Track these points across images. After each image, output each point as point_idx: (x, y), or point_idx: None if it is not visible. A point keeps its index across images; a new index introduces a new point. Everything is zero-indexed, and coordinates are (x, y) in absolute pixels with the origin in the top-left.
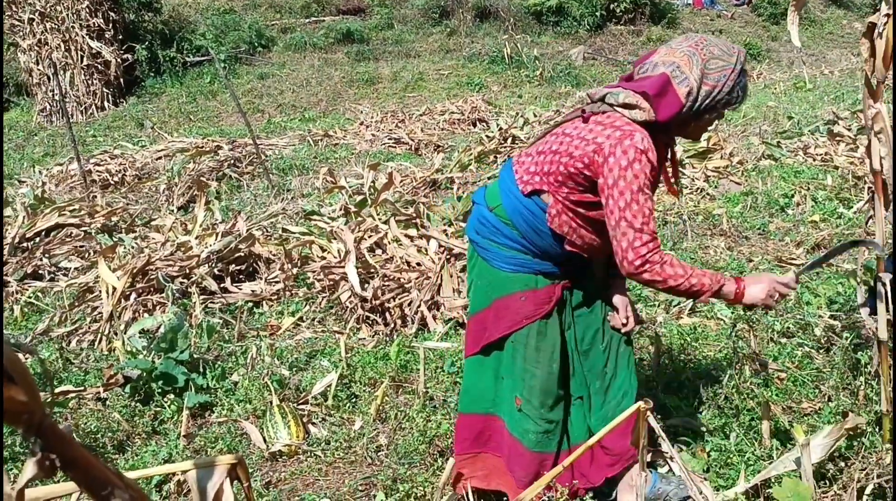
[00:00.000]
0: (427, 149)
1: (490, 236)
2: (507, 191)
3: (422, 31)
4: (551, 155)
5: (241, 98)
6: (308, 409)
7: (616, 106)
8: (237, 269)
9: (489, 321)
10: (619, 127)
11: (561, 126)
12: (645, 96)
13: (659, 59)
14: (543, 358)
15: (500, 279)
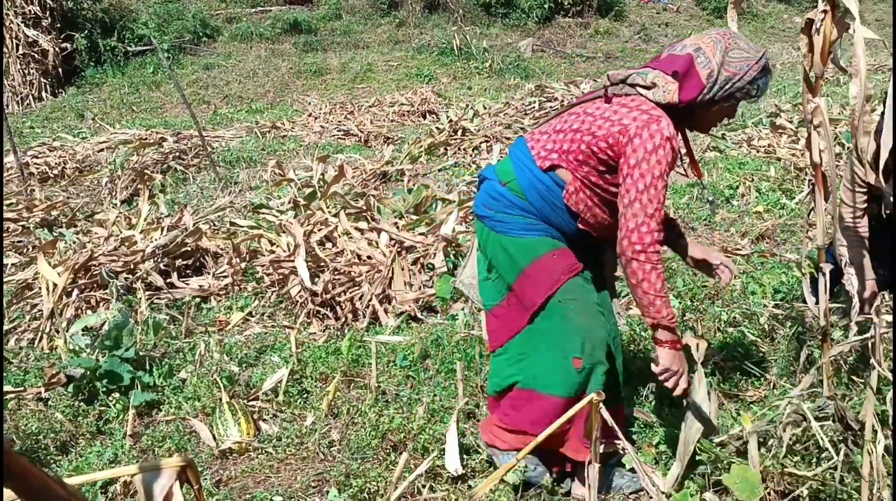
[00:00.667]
0: (377, 141)
1: (504, 209)
2: (521, 166)
3: (370, 22)
4: (571, 133)
5: (186, 89)
6: (258, 405)
7: (641, 86)
8: (184, 264)
9: (527, 290)
10: (646, 110)
11: (581, 106)
12: (675, 75)
13: (688, 41)
14: (595, 309)
15: (525, 246)
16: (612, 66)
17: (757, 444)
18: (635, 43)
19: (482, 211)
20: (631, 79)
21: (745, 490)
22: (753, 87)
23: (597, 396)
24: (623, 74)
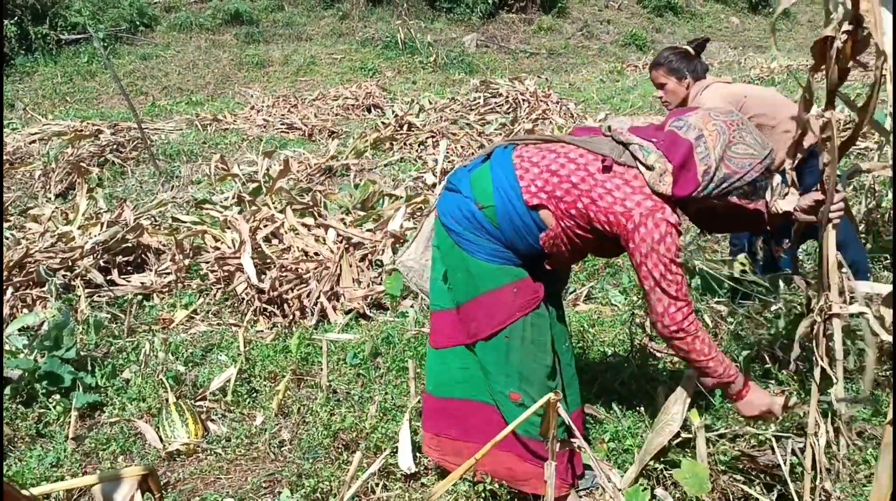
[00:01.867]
0: (321, 135)
1: (473, 230)
2: (503, 194)
3: (313, 14)
4: (569, 185)
5: (123, 80)
6: (206, 405)
7: (643, 165)
8: (124, 260)
9: (478, 316)
10: (649, 195)
11: (580, 153)
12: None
13: (693, 120)
14: (541, 351)
15: (488, 272)
16: (556, 62)
17: (705, 439)
18: (578, 40)
19: (450, 224)
20: (633, 149)
21: (695, 484)
22: (752, 187)
23: (554, 396)
24: (625, 137)
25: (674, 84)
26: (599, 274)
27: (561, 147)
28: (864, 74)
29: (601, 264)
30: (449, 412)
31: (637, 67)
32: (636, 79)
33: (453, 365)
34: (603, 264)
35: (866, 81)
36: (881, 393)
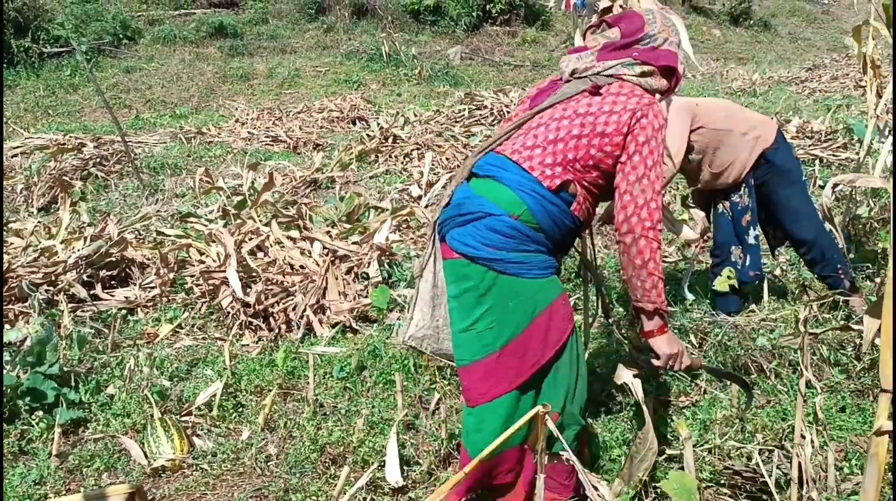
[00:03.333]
0: (306, 147)
1: (520, 246)
2: (527, 192)
3: (298, 27)
4: (574, 140)
5: (106, 93)
6: (192, 420)
7: (633, 76)
8: (108, 274)
9: (535, 341)
10: (643, 93)
11: (563, 107)
12: (667, 69)
13: (657, 31)
14: (581, 362)
15: (541, 289)
16: (540, 74)
17: (693, 450)
18: (562, 52)
19: (488, 253)
20: (615, 70)
21: (683, 495)
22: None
23: (542, 408)
24: (601, 67)
25: None
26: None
27: (541, 118)
28: (843, 84)
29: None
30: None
31: None
32: None
33: (492, 424)
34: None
35: (846, 92)
36: (867, 403)
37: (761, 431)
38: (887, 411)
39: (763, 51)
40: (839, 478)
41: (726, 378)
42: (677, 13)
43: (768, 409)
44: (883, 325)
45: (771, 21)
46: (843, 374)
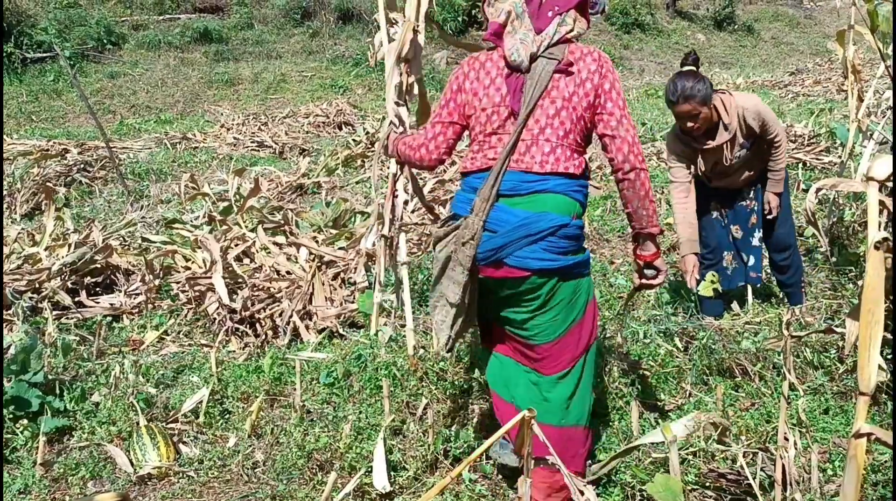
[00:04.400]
0: (292, 153)
1: (578, 246)
2: (575, 189)
3: (283, 32)
4: (577, 124)
5: (90, 98)
6: (178, 428)
7: (571, 31)
8: (93, 281)
9: (585, 329)
10: (587, 48)
11: (550, 100)
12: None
13: None
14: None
15: (590, 283)
16: None
17: (678, 453)
18: None
19: (560, 262)
20: (559, 35)
21: (668, 498)
22: None
23: (529, 412)
24: (538, 42)
25: (706, 110)
26: None
27: (538, 121)
28: (826, 88)
29: None
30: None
31: None
32: None
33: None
34: None
35: (829, 96)
36: (850, 405)
37: (746, 434)
38: (866, 414)
39: (747, 55)
40: (822, 480)
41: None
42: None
43: (752, 412)
44: (861, 328)
45: (754, 26)
46: (826, 376)
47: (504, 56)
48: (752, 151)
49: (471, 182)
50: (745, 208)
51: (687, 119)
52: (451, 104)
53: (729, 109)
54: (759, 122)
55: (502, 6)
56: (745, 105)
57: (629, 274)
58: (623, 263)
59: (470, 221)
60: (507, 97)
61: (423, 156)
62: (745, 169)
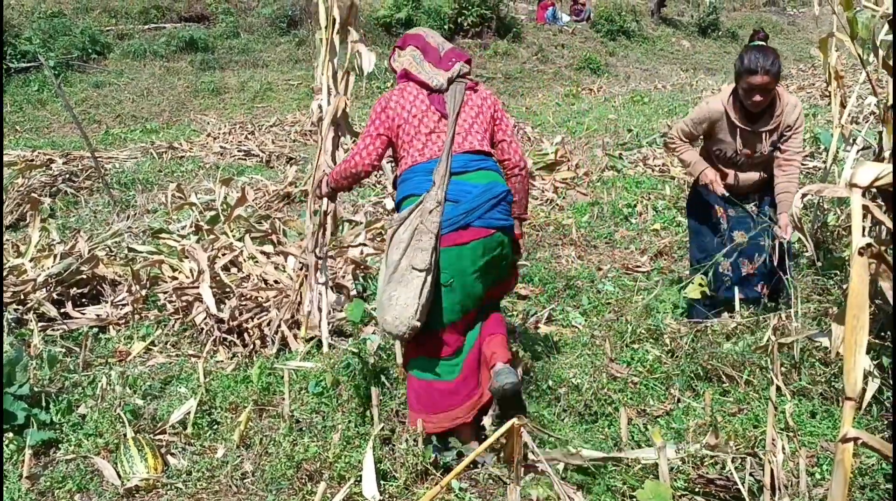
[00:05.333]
0: (279, 161)
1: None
2: (499, 169)
3: (269, 41)
4: (490, 126)
5: (75, 108)
6: (166, 439)
7: (467, 70)
8: (79, 292)
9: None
10: (481, 83)
11: (469, 109)
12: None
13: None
14: None
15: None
16: (512, 86)
17: (667, 459)
18: (533, 64)
19: (510, 221)
20: (464, 70)
21: None
22: None
23: (518, 420)
24: (456, 72)
25: (776, 88)
26: (560, 296)
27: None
28: (810, 94)
29: (560, 287)
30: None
31: (592, 90)
32: (592, 102)
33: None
34: (562, 287)
35: (812, 102)
36: (837, 409)
37: (734, 439)
38: (852, 418)
39: (731, 61)
40: (811, 484)
41: None
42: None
43: (740, 417)
44: (846, 332)
45: (738, 32)
46: (813, 381)
47: (421, 82)
48: (772, 154)
49: (426, 166)
50: (747, 215)
51: (758, 91)
52: (377, 121)
53: (783, 100)
54: (797, 124)
55: (403, 59)
56: (794, 101)
57: (617, 280)
58: (610, 269)
59: (432, 193)
60: (432, 107)
61: (358, 162)
62: (761, 169)
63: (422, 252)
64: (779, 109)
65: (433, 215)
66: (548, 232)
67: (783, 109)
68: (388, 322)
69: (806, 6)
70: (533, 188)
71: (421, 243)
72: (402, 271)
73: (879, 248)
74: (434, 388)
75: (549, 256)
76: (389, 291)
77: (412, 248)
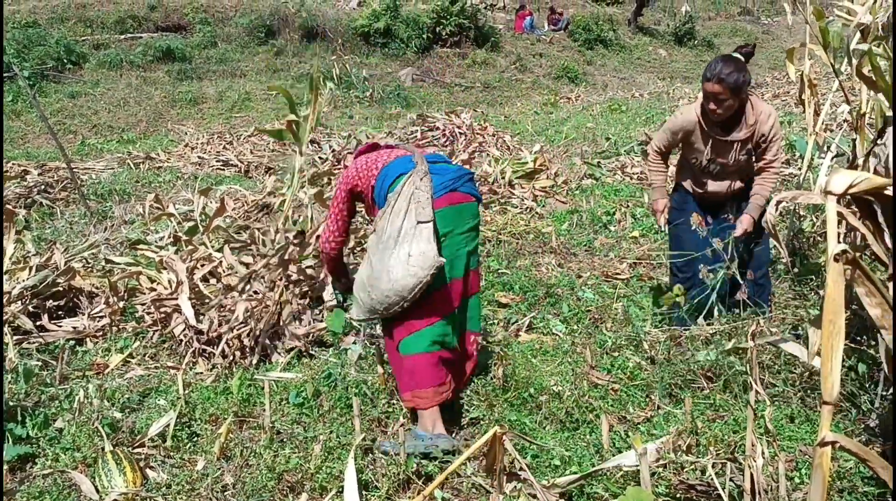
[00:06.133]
0: (257, 171)
1: None
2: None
3: (247, 51)
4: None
5: (51, 118)
6: (145, 452)
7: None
8: (55, 305)
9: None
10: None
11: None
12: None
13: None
14: None
15: None
16: (491, 95)
17: (648, 465)
18: (512, 73)
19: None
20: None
21: None
22: None
23: (500, 429)
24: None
25: (732, 101)
26: (540, 304)
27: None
28: (785, 102)
29: (541, 295)
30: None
31: (570, 99)
32: (569, 110)
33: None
34: (543, 294)
35: (787, 110)
36: (815, 413)
37: (714, 444)
38: (829, 422)
39: None
40: (790, 488)
41: None
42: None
43: (720, 422)
44: (823, 338)
45: (714, 41)
46: (791, 385)
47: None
48: (748, 161)
49: (401, 159)
50: (728, 221)
51: (712, 100)
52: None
53: (755, 109)
54: (771, 133)
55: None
56: (768, 111)
57: (597, 288)
58: (590, 276)
59: (419, 166)
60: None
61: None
62: (737, 177)
63: (422, 208)
64: (752, 119)
65: (425, 181)
66: (528, 240)
67: (756, 118)
68: (398, 279)
69: (780, 15)
70: (512, 197)
71: (420, 202)
72: (407, 230)
73: (854, 254)
74: (431, 360)
75: (529, 264)
76: (398, 252)
77: (412, 210)
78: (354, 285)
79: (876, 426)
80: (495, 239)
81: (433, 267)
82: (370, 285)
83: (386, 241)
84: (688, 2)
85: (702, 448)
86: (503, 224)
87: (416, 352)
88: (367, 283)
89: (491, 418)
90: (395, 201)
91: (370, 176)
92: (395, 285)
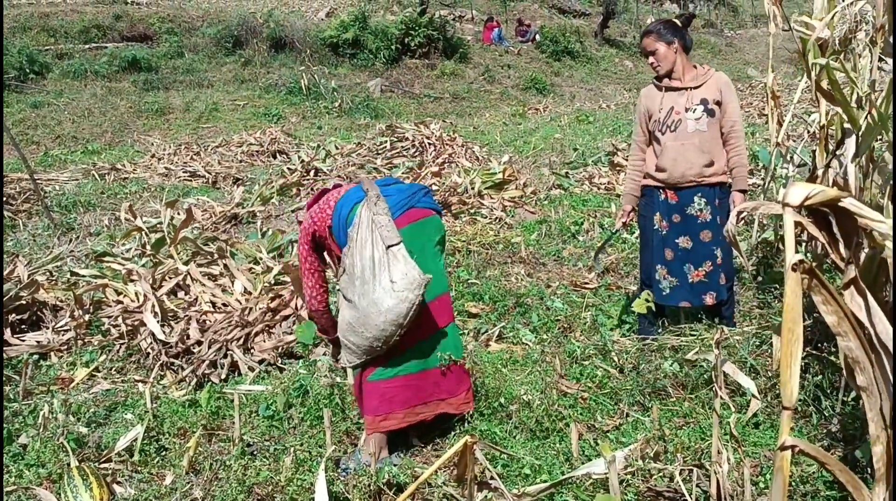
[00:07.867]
0: (225, 182)
1: None
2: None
3: (214, 61)
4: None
5: (12, 129)
6: (112, 467)
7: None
8: (18, 319)
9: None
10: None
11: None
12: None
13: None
14: None
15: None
16: (459, 106)
17: (616, 472)
18: (480, 84)
19: (440, 209)
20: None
21: None
22: None
23: (470, 438)
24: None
25: (664, 49)
26: (510, 314)
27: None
28: (748, 113)
29: (510, 305)
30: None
31: (538, 110)
32: (538, 121)
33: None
34: (513, 304)
35: (751, 121)
36: (779, 421)
37: (681, 451)
38: (790, 427)
39: None
40: (755, 493)
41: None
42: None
43: (687, 430)
44: (783, 345)
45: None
46: (760, 392)
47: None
48: (710, 133)
49: (353, 190)
50: (696, 219)
51: (648, 55)
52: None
53: (705, 69)
54: (727, 91)
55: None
56: (722, 75)
57: (566, 297)
58: (559, 286)
59: (370, 192)
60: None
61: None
62: (701, 151)
63: (387, 231)
64: (702, 71)
65: (380, 204)
66: (497, 250)
67: (707, 71)
68: (391, 308)
69: (742, 28)
70: (482, 207)
71: (383, 226)
72: (380, 258)
73: (811, 263)
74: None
75: (498, 274)
76: (379, 282)
77: (376, 237)
78: (339, 331)
79: (837, 431)
80: (465, 249)
81: (421, 285)
82: (361, 326)
83: (361, 276)
84: (653, 14)
85: (669, 454)
86: (473, 234)
87: (398, 376)
88: (356, 324)
89: (461, 427)
90: (356, 233)
91: (325, 216)
92: (388, 315)
